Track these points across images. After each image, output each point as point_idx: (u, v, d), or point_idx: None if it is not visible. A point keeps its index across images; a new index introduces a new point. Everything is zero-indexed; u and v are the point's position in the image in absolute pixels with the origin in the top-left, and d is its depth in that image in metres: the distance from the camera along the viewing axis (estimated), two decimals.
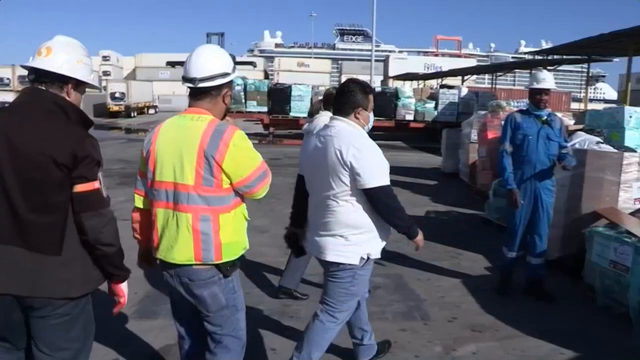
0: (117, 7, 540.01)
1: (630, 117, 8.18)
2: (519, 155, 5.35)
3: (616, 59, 28.95)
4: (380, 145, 3.45)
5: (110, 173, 13.21)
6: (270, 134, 24.28)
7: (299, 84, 24.32)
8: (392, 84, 45.25)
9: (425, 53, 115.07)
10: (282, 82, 29.58)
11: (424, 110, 24.16)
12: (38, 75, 2.47)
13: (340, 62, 79.00)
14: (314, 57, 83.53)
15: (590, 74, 29.16)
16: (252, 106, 23.86)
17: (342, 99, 3.41)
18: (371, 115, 3.47)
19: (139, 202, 3.09)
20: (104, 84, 41.88)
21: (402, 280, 5.89)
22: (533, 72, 6.22)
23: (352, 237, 3.30)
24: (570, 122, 10.52)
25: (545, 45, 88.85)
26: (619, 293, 5.13)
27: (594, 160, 5.98)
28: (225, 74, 2.90)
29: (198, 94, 2.89)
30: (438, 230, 7.86)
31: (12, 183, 2.34)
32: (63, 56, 2.48)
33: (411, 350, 4.32)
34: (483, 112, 12.48)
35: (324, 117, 4.48)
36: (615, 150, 6.28)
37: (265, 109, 23.61)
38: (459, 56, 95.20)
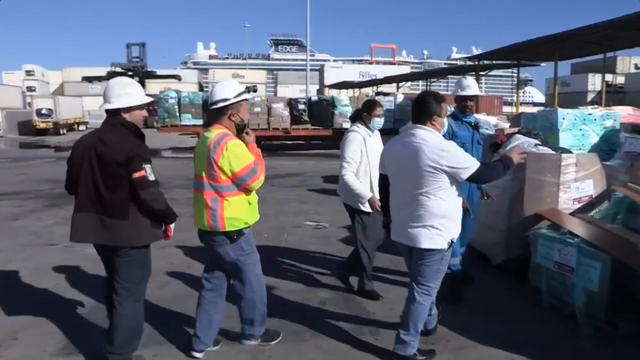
0: (39, 20, 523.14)
1: (564, 119, 8.37)
2: None
3: (543, 64, 30.00)
4: (318, 155, 3.40)
5: (39, 194, 12.59)
6: None
7: None
8: (329, 93, 45.42)
9: (360, 61, 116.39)
10: None
11: None
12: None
13: (275, 72, 79.14)
14: (249, 68, 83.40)
15: (519, 79, 30.06)
16: (187, 119, 23.40)
17: (419, 109, 4.03)
18: (446, 120, 4.18)
19: None
20: (28, 100, 40.28)
21: (350, 295, 5.73)
22: (457, 79, 6.36)
23: (441, 226, 3.90)
24: (505, 125, 10.70)
25: (475, 51, 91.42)
26: (564, 294, 5.15)
27: (534, 163, 6.01)
28: (225, 99, 4.06)
29: (214, 113, 4.15)
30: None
31: (98, 176, 3.78)
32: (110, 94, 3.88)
33: None
34: None
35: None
36: (553, 152, 6.33)
37: (200, 121, 23.14)
38: (394, 64, 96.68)
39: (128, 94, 3.85)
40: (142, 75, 47.38)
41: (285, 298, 5.59)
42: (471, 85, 5.63)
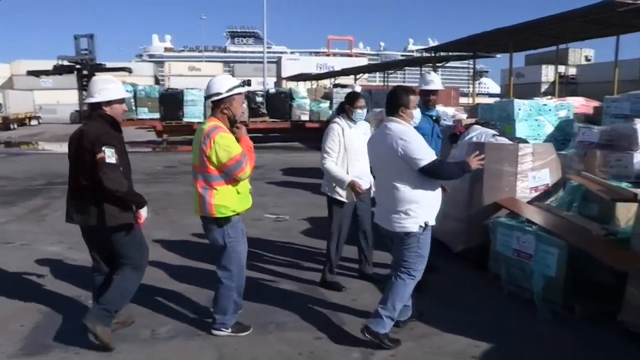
0: None
1: (520, 109, 8.56)
2: None
3: (498, 55, 30.50)
4: (276, 147, 3.42)
5: None
6: (164, 141, 23.33)
7: (192, 89, 23.52)
8: (286, 85, 45.29)
9: (318, 53, 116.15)
10: (173, 87, 28.72)
11: (319, 110, 24.26)
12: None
13: (232, 64, 78.31)
14: (206, 61, 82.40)
15: (475, 70, 30.52)
16: (144, 113, 23.03)
17: (389, 102, 4.33)
18: (415, 112, 4.31)
19: None
20: None
21: (312, 286, 5.74)
22: (421, 74, 6.54)
23: (411, 211, 4.11)
24: (463, 116, 10.86)
25: (432, 43, 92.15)
26: (523, 280, 5.27)
27: (492, 153, 6.10)
28: (218, 94, 4.28)
29: (211, 106, 4.42)
30: None
31: (76, 163, 4.22)
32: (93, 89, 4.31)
33: (329, 359, 4.18)
34: (378, 110, 12.62)
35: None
36: (511, 142, 6.45)
37: (157, 115, 22.76)
38: (351, 55, 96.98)
39: (108, 89, 4.27)
40: (91, 68, 45.59)
41: (248, 291, 5.54)
42: (434, 80, 5.82)
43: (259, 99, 23.99)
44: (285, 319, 4.90)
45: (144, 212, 4.31)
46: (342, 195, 5.48)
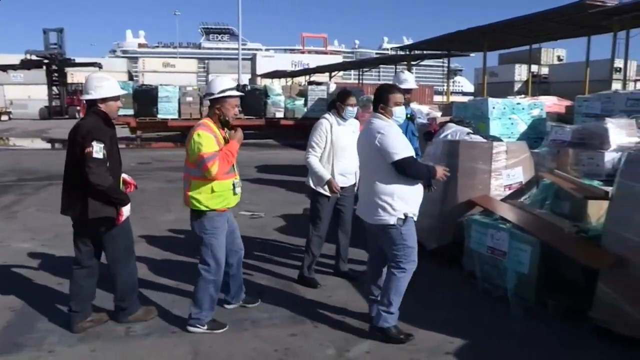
0: None
1: (494, 108, 8.63)
2: None
3: (472, 54, 30.78)
4: (251, 145, 3.39)
5: None
6: (137, 138, 23.04)
7: (166, 85, 23.27)
8: (261, 82, 45.09)
9: (292, 51, 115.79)
10: (147, 84, 28.38)
11: (294, 108, 24.15)
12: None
13: (207, 61, 77.54)
14: (180, 57, 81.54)
15: (449, 69, 30.74)
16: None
17: (374, 99, 4.52)
18: (396, 109, 4.38)
19: None
20: None
21: (287, 283, 5.74)
22: (396, 73, 6.68)
23: (386, 204, 4.20)
24: (437, 114, 10.92)
25: (406, 41, 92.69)
26: (497, 277, 5.32)
27: (466, 151, 6.15)
28: (210, 94, 4.49)
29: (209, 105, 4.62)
30: None
31: (69, 156, 4.36)
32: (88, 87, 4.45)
33: (304, 355, 4.17)
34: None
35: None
36: (485, 140, 6.50)
37: (131, 111, 22.34)
38: (326, 53, 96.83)
39: (103, 86, 4.41)
40: (59, 63, 44.61)
41: (223, 287, 5.52)
42: (408, 80, 6.04)
43: None
44: (260, 315, 4.88)
45: (125, 210, 4.42)
46: (325, 189, 5.53)
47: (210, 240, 4.50)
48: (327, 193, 5.54)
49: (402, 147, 4.18)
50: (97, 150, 4.19)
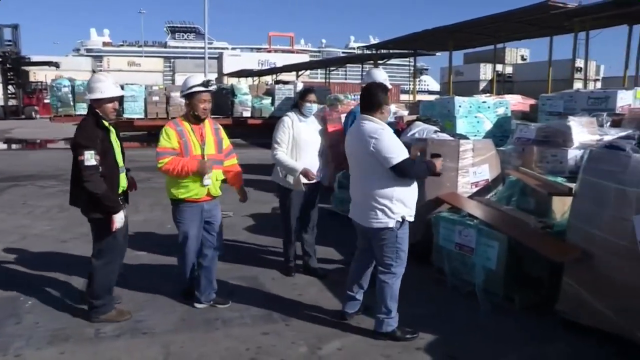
0: None
1: (460, 106, 8.73)
2: None
3: (438, 53, 31.09)
4: None
5: None
6: None
7: (131, 84, 22.87)
8: (228, 81, 44.82)
9: (259, 49, 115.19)
10: None
11: (261, 107, 24.06)
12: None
13: (172, 60, 76.75)
14: (145, 56, 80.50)
15: (415, 68, 30.99)
16: (82, 108, 22.05)
17: (368, 100, 4.32)
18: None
19: None
20: None
21: (258, 282, 5.74)
22: (369, 71, 6.77)
23: (385, 207, 4.16)
24: (404, 112, 11.00)
25: (373, 40, 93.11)
26: (465, 273, 5.40)
27: (434, 149, 6.20)
28: (181, 92, 4.84)
29: None
30: None
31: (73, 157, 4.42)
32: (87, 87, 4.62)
33: (276, 354, 4.17)
34: (321, 106, 12.65)
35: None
36: (452, 138, 6.58)
37: None
38: (293, 52, 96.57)
39: (97, 88, 4.48)
40: (14, 61, 42.66)
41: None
42: (387, 79, 6.09)
43: None
44: (231, 315, 4.87)
45: (117, 219, 4.48)
46: (291, 184, 5.64)
47: (180, 228, 4.87)
48: (301, 187, 5.63)
49: (398, 150, 4.12)
50: (88, 157, 4.29)
